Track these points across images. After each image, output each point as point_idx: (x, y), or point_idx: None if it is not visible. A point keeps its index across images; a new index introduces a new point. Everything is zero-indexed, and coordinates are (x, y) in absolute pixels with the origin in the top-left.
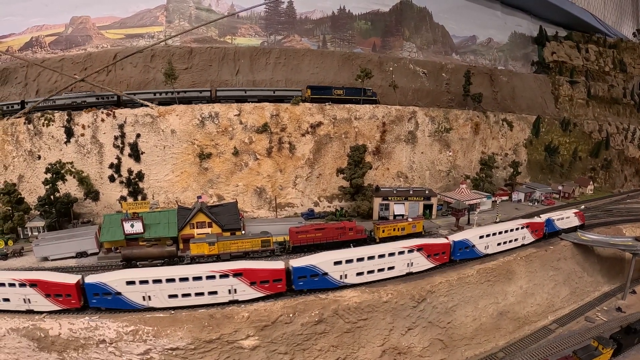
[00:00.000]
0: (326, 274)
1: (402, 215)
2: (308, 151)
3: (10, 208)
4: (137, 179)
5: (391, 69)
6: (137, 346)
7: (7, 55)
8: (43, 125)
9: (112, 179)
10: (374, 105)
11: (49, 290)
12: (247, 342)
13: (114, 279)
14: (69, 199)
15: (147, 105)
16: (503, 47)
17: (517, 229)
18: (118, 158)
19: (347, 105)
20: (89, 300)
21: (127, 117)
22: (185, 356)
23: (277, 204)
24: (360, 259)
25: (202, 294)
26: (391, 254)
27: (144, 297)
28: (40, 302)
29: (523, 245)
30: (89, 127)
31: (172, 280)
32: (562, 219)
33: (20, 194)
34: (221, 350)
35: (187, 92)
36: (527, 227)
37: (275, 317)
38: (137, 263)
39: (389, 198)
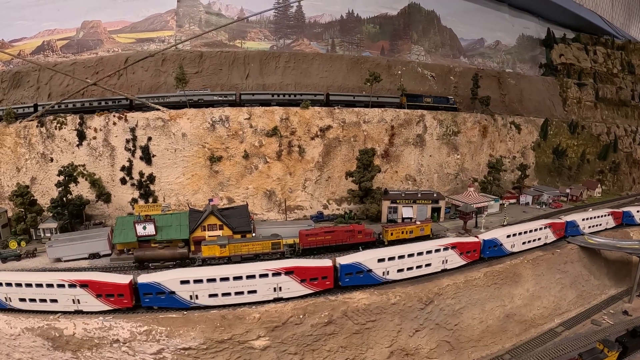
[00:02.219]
0: (173, 292)
1: (411, 218)
2: (317, 154)
3: (23, 209)
4: (148, 182)
5: (399, 72)
6: (151, 346)
7: (19, 59)
8: (55, 129)
9: (123, 181)
10: (382, 109)
11: None
12: (257, 343)
13: None
14: (81, 201)
15: (158, 109)
16: (511, 49)
17: (437, 250)
18: (129, 161)
19: (356, 109)
20: None
21: (138, 121)
22: (198, 356)
23: (287, 207)
24: (211, 280)
25: (55, 300)
26: (250, 277)
27: (5, 298)
28: None
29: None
30: (100, 130)
31: (30, 285)
32: None
33: (33, 196)
34: (232, 350)
35: (298, 94)
36: (453, 247)
37: (285, 318)
38: (150, 264)
39: (398, 201)
